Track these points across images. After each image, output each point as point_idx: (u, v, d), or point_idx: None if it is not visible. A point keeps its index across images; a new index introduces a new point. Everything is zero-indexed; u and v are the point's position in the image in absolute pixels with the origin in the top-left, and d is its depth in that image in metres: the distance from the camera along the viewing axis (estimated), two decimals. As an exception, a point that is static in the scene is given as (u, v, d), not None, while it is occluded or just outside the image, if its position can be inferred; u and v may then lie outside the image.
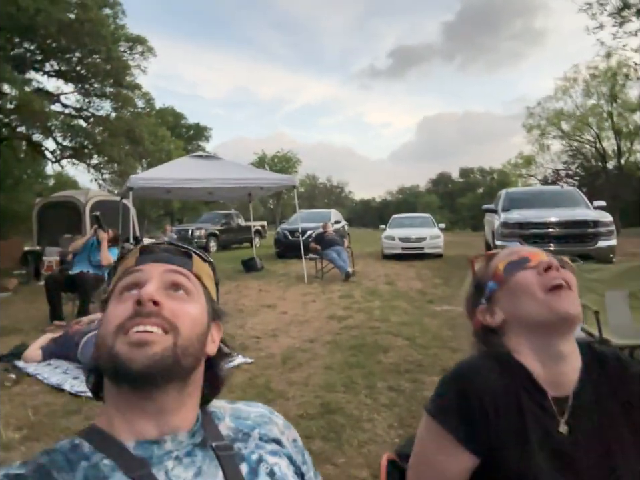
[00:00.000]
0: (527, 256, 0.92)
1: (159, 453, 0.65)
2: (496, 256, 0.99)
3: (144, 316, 0.67)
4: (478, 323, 0.98)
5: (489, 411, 0.82)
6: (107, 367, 0.67)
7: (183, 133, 37.31)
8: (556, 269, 0.88)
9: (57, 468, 0.61)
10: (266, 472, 0.70)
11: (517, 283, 0.90)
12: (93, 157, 16.20)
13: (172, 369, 0.66)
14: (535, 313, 0.86)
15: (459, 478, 0.83)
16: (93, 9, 11.53)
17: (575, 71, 28.25)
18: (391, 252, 12.20)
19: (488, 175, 61.03)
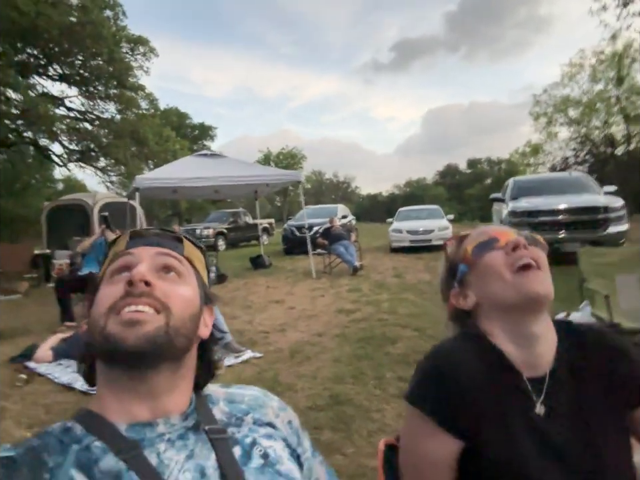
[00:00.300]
0: (495, 236, 0.90)
1: (150, 435, 0.64)
2: (467, 238, 0.97)
3: (135, 296, 0.66)
4: (452, 306, 0.97)
5: (465, 391, 0.81)
6: (99, 347, 0.66)
7: (188, 133, 37.44)
8: (524, 248, 0.85)
9: (47, 451, 0.61)
10: (259, 454, 0.69)
11: (485, 264, 0.89)
12: (100, 159, 16.32)
13: (164, 349, 0.65)
14: (504, 295, 0.85)
15: (446, 463, 0.82)
16: (94, 11, 11.57)
17: (581, 56, 27.83)
18: (398, 245, 12.14)
19: (496, 165, 60.53)
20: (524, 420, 0.81)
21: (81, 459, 0.60)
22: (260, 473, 0.66)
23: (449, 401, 0.81)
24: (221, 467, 0.65)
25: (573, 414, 0.82)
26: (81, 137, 14.67)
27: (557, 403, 0.83)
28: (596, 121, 29.54)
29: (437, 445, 0.81)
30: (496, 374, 0.84)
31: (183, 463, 0.63)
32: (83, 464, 0.59)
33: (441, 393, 0.82)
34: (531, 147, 33.41)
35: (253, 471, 0.66)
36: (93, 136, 14.66)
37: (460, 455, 0.82)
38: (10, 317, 6.43)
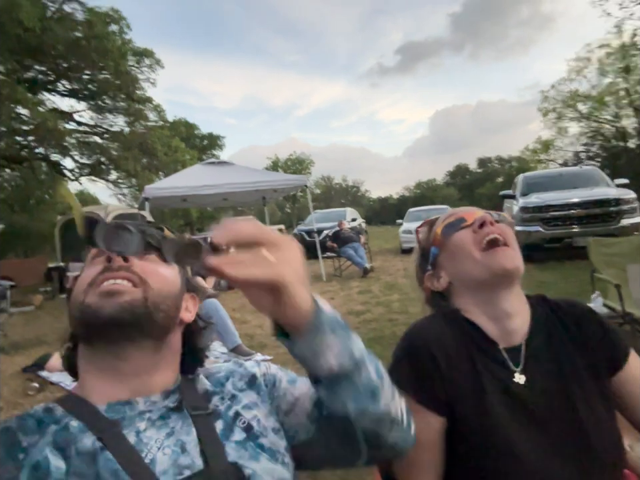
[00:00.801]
0: (462, 216, 0.92)
1: (131, 413, 0.65)
2: (436, 221, 0.99)
3: (114, 270, 0.68)
4: (427, 289, 0.99)
5: (441, 365, 0.81)
6: (78, 322, 0.67)
7: (197, 143, 37.78)
8: (490, 224, 0.86)
9: (23, 431, 0.61)
10: (242, 427, 0.69)
11: (454, 244, 0.90)
12: (111, 172, 16.54)
13: (143, 321, 0.66)
14: (475, 272, 0.86)
15: (431, 441, 0.81)
16: (98, 25, 11.78)
17: (588, 50, 27.56)
18: (409, 246, 12.05)
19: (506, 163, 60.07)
20: (503, 390, 0.81)
21: (58, 440, 0.60)
22: (241, 447, 0.66)
23: (425, 378, 0.81)
24: (201, 443, 0.64)
25: (553, 381, 0.82)
26: (91, 151, 14.93)
27: (536, 371, 0.83)
28: (606, 115, 29.19)
29: (420, 424, 0.80)
30: (471, 347, 0.84)
31: (163, 440, 0.63)
32: (59, 444, 0.60)
33: (416, 371, 0.82)
34: (541, 143, 33.10)
35: (234, 445, 0.66)
36: (103, 149, 14.90)
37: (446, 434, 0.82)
38: (24, 329, 6.52)
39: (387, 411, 0.63)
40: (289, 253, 0.52)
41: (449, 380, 0.80)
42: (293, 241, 0.54)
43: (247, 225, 0.49)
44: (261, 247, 0.49)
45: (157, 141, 14.68)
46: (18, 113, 11.72)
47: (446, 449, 0.83)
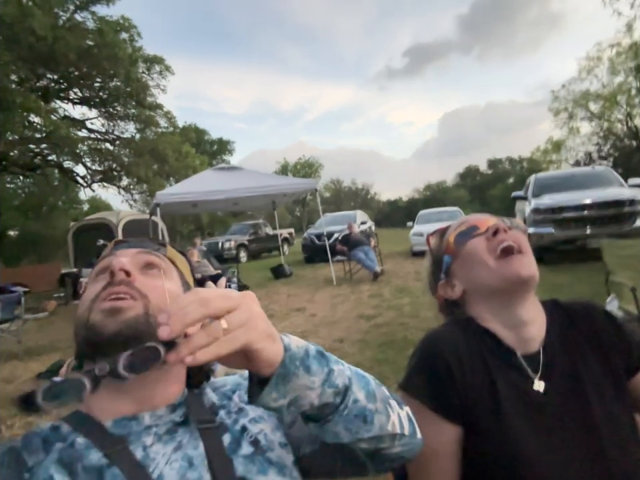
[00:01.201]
0: (475, 224, 0.91)
1: (137, 429, 0.64)
2: (448, 229, 0.98)
3: (115, 284, 0.68)
4: (441, 298, 0.98)
5: (455, 374, 0.80)
6: (83, 341, 0.67)
7: (207, 148, 38.06)
8: (504, 231, 0.85)
9: (28, 450, 0.61)
10: (249, 441, 0.68)
11: (467, 252, 0.89)
12: (122, 178, 16.70)
13: (145, 335, 0.65)
14: (489, 281, 0.85)
15: (448, 450, 0.80)
16: (109, 33, 11.93)
17: (598, 49, 27.29)
18: (420, 249, 11.99)
19: (517, 164, 59.62)
20: (520, 398, 0.80)
21: (64, 457, 0.60)
22: (249, 462, 0.65)
23: (440, 388, 0.80)
24: (209, 457, 0.64)
25: (571, 389, 0.81)
26: (102, 157, 15.09)
27: (554, 378, 0.81)
28: (618, 114, 28.86)
29: (436, 433, 0.80)
30: (487, 355, 0.83)
31: (170, 454, 0.63)
32: (65, 461, 0.59)
33: (432, 380, 0.81)
34: (552, 143, 32.80)
35: (242, 460, 0.65)
36: (115, 156, 15.05)
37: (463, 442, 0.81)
38: (38, 335, 6.60)
39: (383, 430, 0.62)
40: (247, 312, 0.49)
41: (464, 389, 0.80)
42: (244, 296, 0.51)
43: (192, 306, 0.45)
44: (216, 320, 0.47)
45: (167, 147, 14.81)
46: (31, 121, 11.90)
47: (462, 457, 0.82)
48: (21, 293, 5.81)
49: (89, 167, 15.68)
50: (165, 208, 8.64)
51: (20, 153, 12.99)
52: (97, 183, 16.52)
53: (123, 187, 17.14)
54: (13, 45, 10.47)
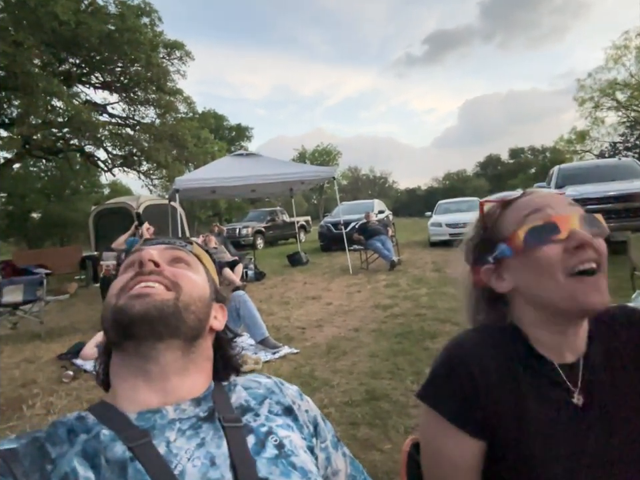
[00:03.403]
0: (554, 222, 0.73)
1: (161, 422, 0.64)
2: (514, 206, 0.80)
3: (145, 274, 0.70)
4: (480, 281, 0.84)
5: (480, 387, 0.73)
6: (110, 324, 0.68)
7: (226, 134, 38.13)
8: (589, 248, 0.71)
9: (52, 441, 0.61)
10: (274, 444, 0.67)
11: (537, 258, 0.74)
12: (142, 163, 16.84)
13: (172, 319, 0.67)
14: (554, 298, 0.72)
15: (468, 464, 0.75)
16: (130, 18, 11.94)
17: (626, 38, 26.40)
18: (438, 239, 11.90)
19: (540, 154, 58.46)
20: (554, 414, 0.73)
21: (87, 449, 0.60)
22: (272, 464, 0.64)
23: (461, 398, 0.74)
24: (232, 456, 0.63)
25: (611, 399, 0.74)
26: (123, 142, 15.22)
27: (595, 391, 0.74)
28: (646, 104, 27.96)
29: (455, 445, 0.75)
30: (520, 367, 0.76)
31: (193, 451, 0.62)
32: (88, 453, 0.59)
33: (453, 390, 0.75)
34: (576, 133, 32.00)
35: (266, 462, 0.64)
36: (135, 141, 15.15)
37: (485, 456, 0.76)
38: (59, 317, 6.75)
39: None
40: None
41: (488, 404, 0.74)
42: None
43: None
44: None
45: (186, 133, 14.85)
46: (53, 105, 12.03)
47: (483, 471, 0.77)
48: (43, 275, 5.93)
49: (110, 152, 15.84)
50: (183, 193, 8.70)
51: (43, 137, 13.16)
52: (118, 167, 16.69)
53: (143, 171, 17.28)
54: (36, 29, 10.55)
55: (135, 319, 0.65)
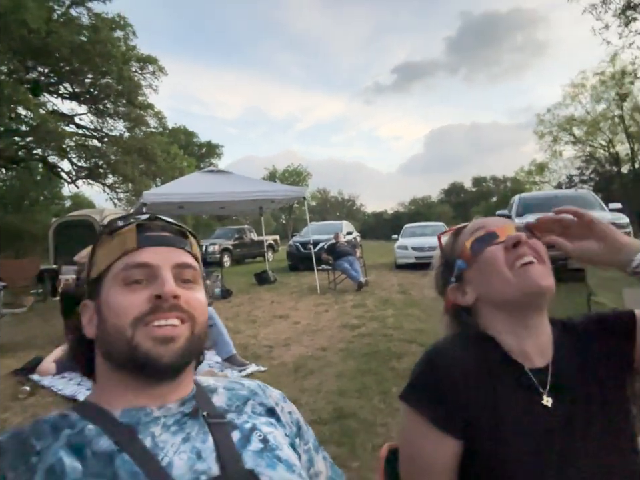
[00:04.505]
0: (494, 231, 0.86)
1: (145, 419, 0.65)
2: (463, 231, 0.94)
3: (166, 310, 0.66)
4: (450, 302, 0.94)
5: (460, 388, 0.78)
6: (124, 358, 0.65)
7: (195, 151, 37.89)
8: (525, 244, 0.82)
9: (36, 435, 0.61)
10: (259, 439, 0.68)
11: (485, 261, 0.85)
12: (108, 176, 16.51)
13: (189, 359, 0.70)
14: (506, 292, 0.82)
15: (446, 465, 0.79)
16: (104, 30, 11.85)
17: (583, 77, 28.16)
18: (404, 261, 12.11)
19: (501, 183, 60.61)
20: (526, 415, 0.78)
21: (72, 442, 0.60)
22: (258, 457, 0.65)
23: (442, 400, 0.79)
24: (218, 449, 0.64)
25: (579, 401, 0.80)
26: (89, 154, 14.91)
27: (563, 393, 0.80)
28: (600, 140, 29.67)
29: (434, 446, 0.79)
30: (493, 371, 0.81)
31: (179, 445, 0.63)
32: (73, 446, 0.59)
33: (434, 392, 0.79)
34: (536, 165, 33.49)
35: (251, 454, 0.65)
36: (102, 153, 14.87)
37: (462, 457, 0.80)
38: (14, 331, 6.45)
39: None
40: None
41: (467, 405, 0.78)
42: None
43: None
44: None
45: (156, 147, 14.71)
46: (18, 114, 11.70)
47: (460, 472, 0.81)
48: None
49: (75, 163, 15.47)
50: (150, 208, 8.55)
51: (4, 145, 12.75)
52: (82, 179, 16.30)
53: (108, 185, 16.93)
54: (4, 35, 10.32)
55: (159, 368, 0.64)
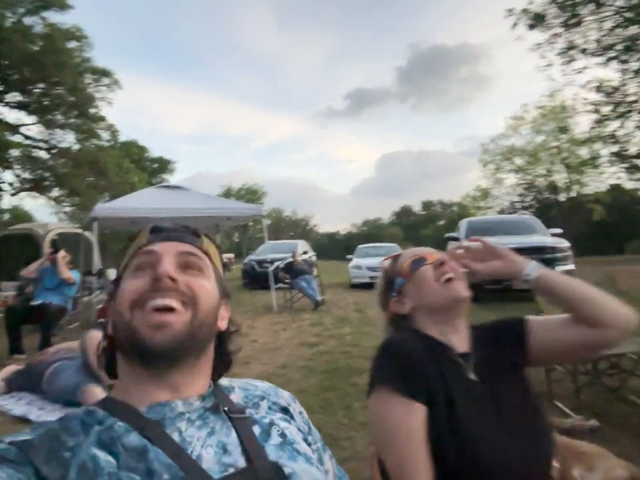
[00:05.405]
0: (424, 256, 1.16)
1: (171, 415, 0.67)
2: (400, 256, 1.23)
3: (162, 290, 0.69)
4: (392, 312, 1.20)
5: (418, 366, 0.99)
6: (124, 342, 0.69)
7: (147, 166, 36.98)
8: (447, 264, 1.11)
9: (67, 432, 0.62)
10: (278, 434, 0.72)
11: (419, 277, 1.13)
12: (54, 189, 15.79)
13: (188, 345, 0.69)
14: (436, 300, 1.09)
15: (419, 430, 0.94)
16: (59, 40, 11.51)
17: (524, 110, 30.07)
18: (358, 281, 12.29)
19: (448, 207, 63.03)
20: (463, 386, 1.01)
21: (103, 438, 0.61)
22: (280, 450, 0.69)
23: (407, 376, 0.98)
24: (242, 443, 0.67)
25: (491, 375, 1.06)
26: (35, 166, 14.24)
27: (482, 370, 1.06)
28: (540, 169, 31.57)
29: (407, 413, 0.95)
30: (436, 354, 1.04)
31: (205, 439, 0.66)
32: (104, 442, 0.61)
33: (401, 367, 0.99)
34: (480, 191, 35.05)
35: (273, 447, 0.69)
36: (49, 165, 14.24)
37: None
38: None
39: None
40: None
41: (426, 378, 0.98)
42: None
43: None
44: None
45: (109, 160, 14.27)
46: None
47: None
48: None
49: (19, 175, 14.72)
50: (101, 223, 8.27)
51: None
52: (26, 191, 15.50)
53: (54, 198, 16.19)
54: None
55: (154, 353, 0.66)
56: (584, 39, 16.22)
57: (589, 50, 16.13)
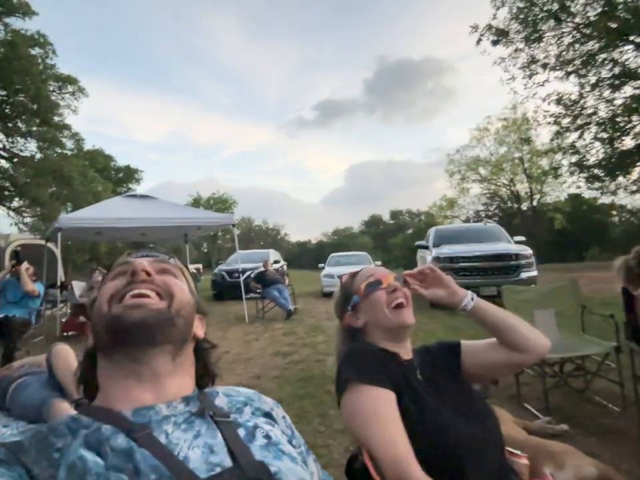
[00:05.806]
0: (380, 279, 1.29)
1: (156, 418, 0.68)
2: (359, 274, 1.36)
3: (138, 282, 0.75)
4: (346, 324, 1.33)
5: (381, 365, 1.15)
6: (103, 331, 0.72)
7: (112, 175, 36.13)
8: (399, 290, 1.25)
9: (55, 434, 0.63)
10: (262, 435, 0.74)
11: (373, 299, 1.27)
12: (14, 199, 15.24)
13: (165, 324, 0.73)
14: (385, 322, 1.24)
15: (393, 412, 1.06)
16: (22, 47, 11.18)
17: (488, 122, 31.11)
18: (330, 290, 12.30)
19: (416, 216, 64.20)
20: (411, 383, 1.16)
21: (90, 440, 0.62)
22: (265, 450, 0.71)
23: (374, 368, 1.13)
24: (228, 444, 0.68)
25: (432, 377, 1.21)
26: (-6, 175, 13.71)
27: (425, 372, 1.22)
28: (503, 179, 32.63)
29: (379, 398, 1.07)
30: (389, 360, 1.19)
31: (191, 441, 0.67)
32: (91, 444, 0.62)
33: (367, 364, 1.14)
34: (446, 201, 35.91)
35: (258, 448, 0.70)
36: (9, 174, 13.73)
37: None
38: None
39: None
40: None
41: (388, 376, 1.12)
42: None
43: None
44: None
45: (73, 169, 13.87)
46: None
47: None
48: None
49: (-25, 184, 14.15)
50: (65, 233, 8.01)
51: None
52: (-17, 201, 14.90)
53: (14, 208, 15.61)
54: None
55: (132, 327, 0.69)
56: (545, 54, 16.99)
57: (550, 64, 16.87)
